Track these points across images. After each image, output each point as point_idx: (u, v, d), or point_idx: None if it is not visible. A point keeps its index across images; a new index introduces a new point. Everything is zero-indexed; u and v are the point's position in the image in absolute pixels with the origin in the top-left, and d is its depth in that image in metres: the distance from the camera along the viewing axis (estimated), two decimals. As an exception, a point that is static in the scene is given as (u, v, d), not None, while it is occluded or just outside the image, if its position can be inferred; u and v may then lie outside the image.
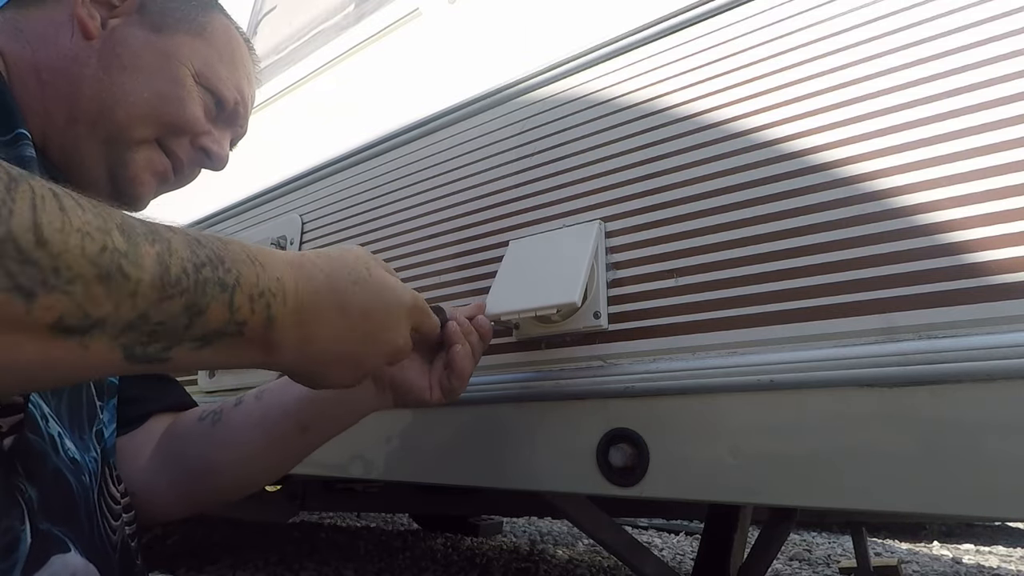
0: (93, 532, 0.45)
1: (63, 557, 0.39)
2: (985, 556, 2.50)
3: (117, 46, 0.55)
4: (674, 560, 2.09)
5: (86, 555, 0.42)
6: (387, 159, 0.93)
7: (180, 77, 0.57)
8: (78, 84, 0.53)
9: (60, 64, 0.52)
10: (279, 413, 0.59)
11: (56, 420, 0.44)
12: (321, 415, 0.60)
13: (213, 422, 0.60)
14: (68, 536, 0.41)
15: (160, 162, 0.58)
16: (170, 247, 0.32)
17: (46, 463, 0.41)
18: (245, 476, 0.61)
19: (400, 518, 2.75)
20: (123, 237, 0.30)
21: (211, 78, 0.59)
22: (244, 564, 1.65)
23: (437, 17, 0.94)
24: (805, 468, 0.49)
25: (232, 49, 0.62)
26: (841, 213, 0.51)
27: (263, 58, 1.34)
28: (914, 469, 0.45)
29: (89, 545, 0.43)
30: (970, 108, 0.47)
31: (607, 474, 0.59)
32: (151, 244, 0.31)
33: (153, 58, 0.56)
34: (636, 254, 0.63)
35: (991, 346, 0.43)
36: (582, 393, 0.63)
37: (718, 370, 0.54)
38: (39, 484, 0.40)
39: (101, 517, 0.47)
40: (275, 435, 0.59)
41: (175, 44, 0.57)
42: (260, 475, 0.63)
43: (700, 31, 0.63)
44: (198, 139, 0.60)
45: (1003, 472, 0.42)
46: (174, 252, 0.33)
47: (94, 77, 0.53)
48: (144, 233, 0.31)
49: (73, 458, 0.45)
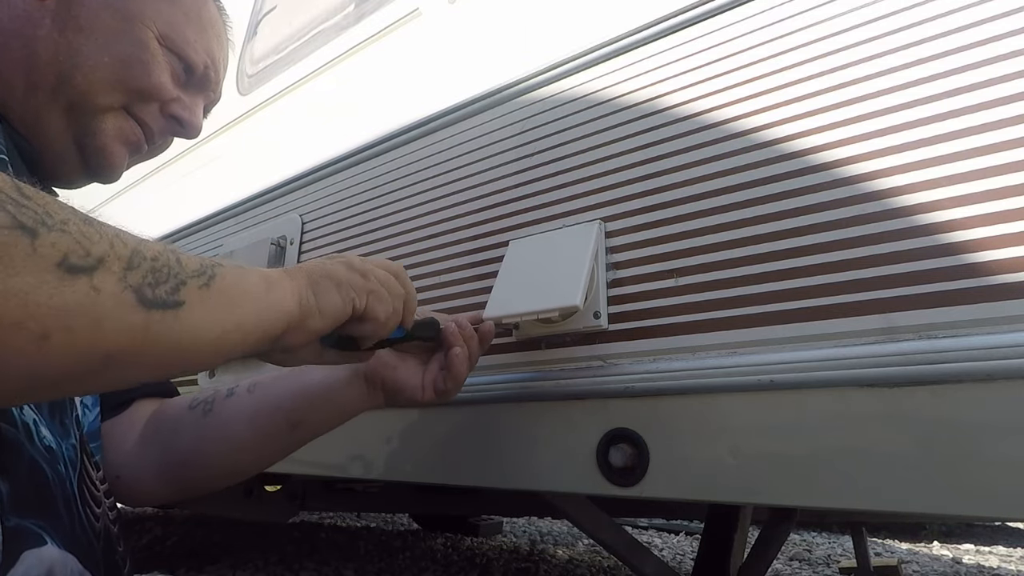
0: (74, 522, 0.44)
1: (37, 552, 0.38)
2: (985, 556, 2.50)
3: (73, 6, 0.51)
4: (674, 560, 2.09)
5: (65, 546, 0.41)
6: (387, 159, 0.93)
7: (143, 40, 0.53)
8: (33, 47, 0.50)
9: (12, 26, 0.49)
10: (271, 408, 0.59)
11: (33, 406, 0.43)
12: (312, 411, 0.60)
13: (204, 412, 0.60)
14: (44, 528, 0.40)
15: (130, 131, 0.56)
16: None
17: (21, 454, 0.40)
18: (232, 466, 0.61)
19: (400, 518, 2.75)
20: (73, 208, 0.32)
21: (177, 41, 0.56)
22: (244, 564, 1.65)
23: (437, 17, 0.94)
24: (805, 468, 0.49)
25: (199, 9, 0.58)
26: (841, 213, 0.51)
27: (263, 58, 1.34)
28: (914, 469, 0.45)
29: (69, 535, 0.43)
30: (970, 108, 0.47)
31: (607, 474, 0.59)
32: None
33: (112, 19, 0.52)
34: (636, 254, 0.63)
35: (991, 346, 0.43)
36: (582, 393, 0.63)
37: (718, 370, 0.54)
38: (12, 477, 0.39)
39: (82, 505, 0.46)
40: (266, 430, 0.60)
41: (137, 4, 0.54)
42: (247, 467, 0.63)
43: (700, 31, 0.63)
44: (167, 106, 0.57)
45: (1003, 472, 0.42)
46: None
47: (49, 39, 0.50)
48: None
49: (48, 446, 0.44)
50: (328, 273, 0.47)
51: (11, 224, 0.26)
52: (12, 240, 0.26)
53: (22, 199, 0.28)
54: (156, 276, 0.33)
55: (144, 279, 0.32)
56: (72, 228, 0.29)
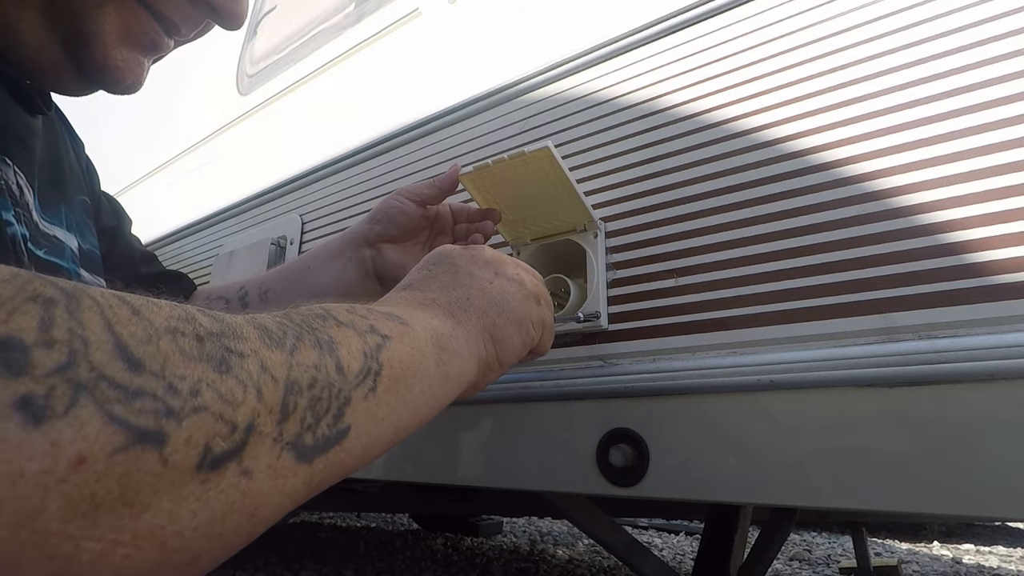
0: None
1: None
2: (985, 556, 2.50)
3: None
4: (674, 560, 2.09)
5: None
6: (387, 159, 0.93)
7: None
8: None
9: None
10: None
11: (23, 207, 0.35)
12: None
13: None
14: None
15: (141, 28, 0.40)
16: (254, 318, 0.26)
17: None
18: None
19: (400, 518, 2.75)
20: (206, 317, 0.23)
21: None
22: (244, 564, 1.65)
23: (437, 17, 0.94)
24: (805, 468, 0.49)
25: None
26: (841, 213, 0.51)
27: (263, 58, 1.34)
28: (914, 469, 0.45)
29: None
30: (970, 108, 0.47)
31: (607, 474, 0.59)
32: (231, 316, 0.24)
33: None
34: (636, 254, 0.63)
35: (991, 346, 0.43)
36: (582, 393, 0.63)
37: (718, 370, 0.54)
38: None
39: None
40: None
41: None
42: None
43: (700, 31, 0.63)
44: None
45: (1003, 472, 0.42)
46: (256, 318, 0.26)
47: None
48: (214, 314, 0.24)
49: (54, 237, 0.37)
50: (504, 309, 0.38)
51: (128, 438, 0.17)
52: (134, 461, 0.17)
53: (131, 377, 0.18)
54: (316, 411, 0.24)
55: (303, 423, 0.24)
56: (207, 395, 0.20)
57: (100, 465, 0.16)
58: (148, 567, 0.18)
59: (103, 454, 0.17)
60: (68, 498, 0.16)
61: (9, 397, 0.15)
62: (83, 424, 0.16)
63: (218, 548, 0.21)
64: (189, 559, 0.20)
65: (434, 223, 0.65)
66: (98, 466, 0.16)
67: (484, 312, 0.37)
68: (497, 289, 0.39)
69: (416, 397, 0.30)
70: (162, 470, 0.18)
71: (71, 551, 0.16)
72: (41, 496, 0.15)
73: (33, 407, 0.15)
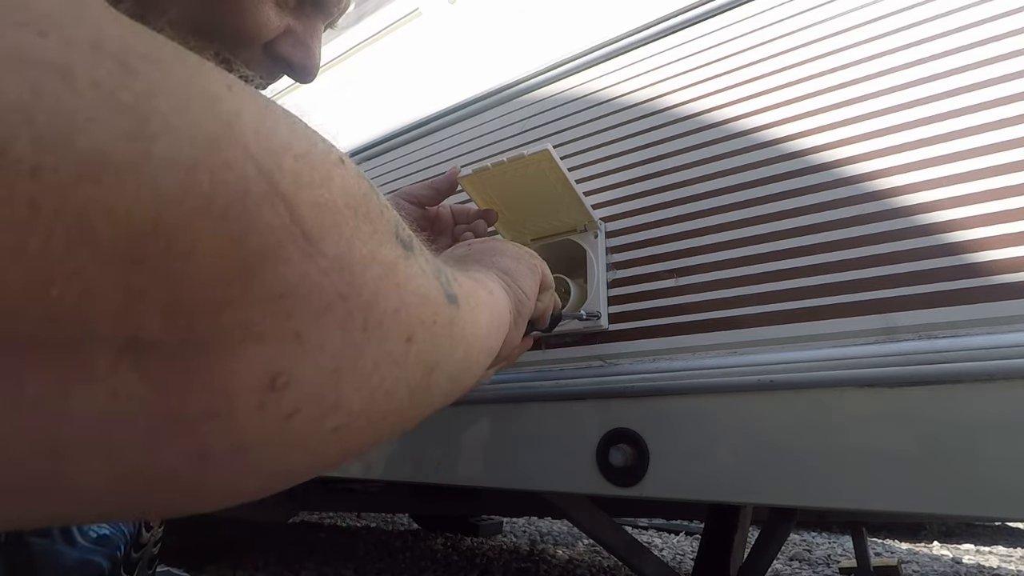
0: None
1: None
2: (985, 556, 2.50)
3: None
4: (674, 560, 2.09)
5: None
6: (387, 159, 0.93)
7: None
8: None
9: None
10: None
11: None
12: None
13: None
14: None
15: None
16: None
17: (56, 563, 0.37)
18: None
19: (400, 518, 2.75)
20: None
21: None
22: (244, 564, 1.65)
23: (437, 17, 0.94)
24: (805, 468, 0.49)
25: None
26: (841, 213, 0.51)
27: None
28: (914, 469, 0.45)
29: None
30: (970, 108, 0.47)
31: (607, 474, 0.59)
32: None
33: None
34: (636, 254, 0.63)
35: (991, 346, 0.43)
36: (582, 393, 0.63)
37: (718, 370, 0.54)
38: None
39: (139, 571, 0.45)
40: None
41: None
42: None
43: (700, 31, 0.63)
44: (273, 46, 0.42)
45: (1003, 472, 0.42)
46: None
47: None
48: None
49: (103, 535, 0.41)
50: (495, 251, 0.42)
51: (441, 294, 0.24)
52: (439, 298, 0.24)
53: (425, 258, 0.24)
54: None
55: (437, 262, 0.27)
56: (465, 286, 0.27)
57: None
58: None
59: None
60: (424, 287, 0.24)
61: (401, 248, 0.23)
62: (426, 260, 0.25)
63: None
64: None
65: (434, 224, 0.65)
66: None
67: (478, 261, 0.41)
68: (487, 247, 0.43)
69: (488, 306, 0.33)
70: (455, 313, 0.26)
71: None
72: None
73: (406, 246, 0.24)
